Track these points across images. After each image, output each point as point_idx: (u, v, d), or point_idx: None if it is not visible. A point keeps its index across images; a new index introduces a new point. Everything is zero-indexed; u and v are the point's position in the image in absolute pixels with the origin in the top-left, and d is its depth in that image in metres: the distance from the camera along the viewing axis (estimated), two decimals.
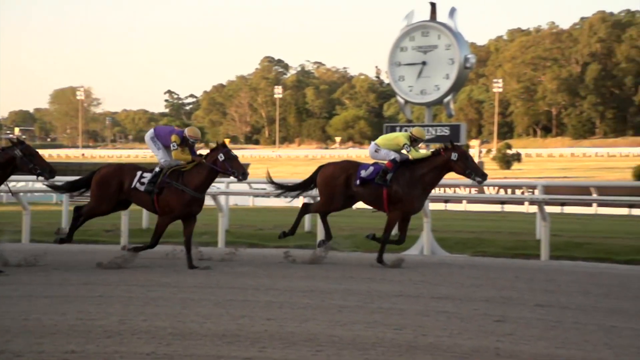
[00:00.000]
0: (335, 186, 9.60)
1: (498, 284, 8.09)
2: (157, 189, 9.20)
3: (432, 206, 11.44)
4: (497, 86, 74.64)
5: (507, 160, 54.83)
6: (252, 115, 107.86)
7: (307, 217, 12.44)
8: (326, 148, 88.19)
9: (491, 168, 47.54)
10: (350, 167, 9.70)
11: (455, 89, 11.71)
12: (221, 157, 9.26)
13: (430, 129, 11.67)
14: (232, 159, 9.33)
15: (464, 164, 9.35)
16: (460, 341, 5.58)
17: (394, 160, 9.48)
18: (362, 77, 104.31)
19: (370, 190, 9.49)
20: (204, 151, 9.54)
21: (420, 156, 9.53)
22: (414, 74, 11.70)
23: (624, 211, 18.94)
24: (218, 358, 5.09)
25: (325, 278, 8.41)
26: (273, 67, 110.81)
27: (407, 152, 9.46)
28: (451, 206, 21.23)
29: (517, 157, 56.24)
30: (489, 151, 63.02)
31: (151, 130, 9.88)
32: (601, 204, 17.21)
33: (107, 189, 9.32)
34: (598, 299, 7.27)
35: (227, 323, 6.02)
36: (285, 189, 10.34)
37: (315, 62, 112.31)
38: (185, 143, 9.42)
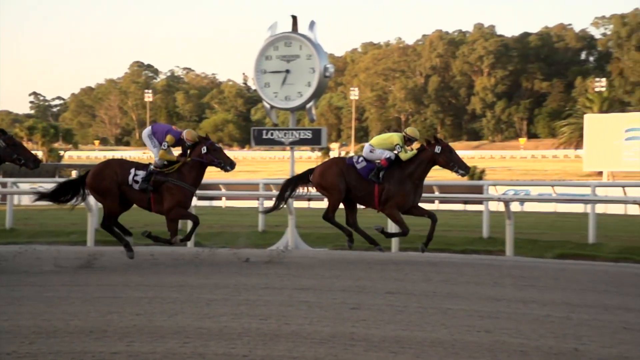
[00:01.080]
0: (335, 176, 9.19)
1: (354, 275, 8.23)
2: (151, 186, 8.79)
3: (296, 204, 11.48)
4: (354, 94, 76.38)
5: None
6: (122, 118, 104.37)
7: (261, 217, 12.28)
8: None
9: None
10: (340, 161, 9.60)
11: (316, 95, 11.84)
12: (204, 149, 8.93)
13: (294, 132, 11.73)
14: (217, 150, 9.05)
15: (447, 157, 9.18)
16: (320, 328, 5.62)
17: (389, 159, 9.20)
18: (231, 83, 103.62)
19: (362, 186, 9.21)
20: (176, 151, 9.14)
21: (409, 157, 9.25)
22: (279, 81, 11.71)
23: (460, 207, 19.95)
24: (84, 354, 4.84)
25: (195, 273, 8.23)
26: (143, 72, 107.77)
27: (398, 152, 9.22)
28: (314, 204, 21.46)
29: None
30: (347, 153, 64.40)
31: (149, 127, 9.44)
32: (442, 200, 17.96)
33: (107, 186, 8.83)
34: (438, 285, 7.53)
35: (95, 319, 5.76)
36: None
37: (185, 68, 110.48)
38: (181, 145, 9.05)
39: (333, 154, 51.25)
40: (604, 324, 5.79)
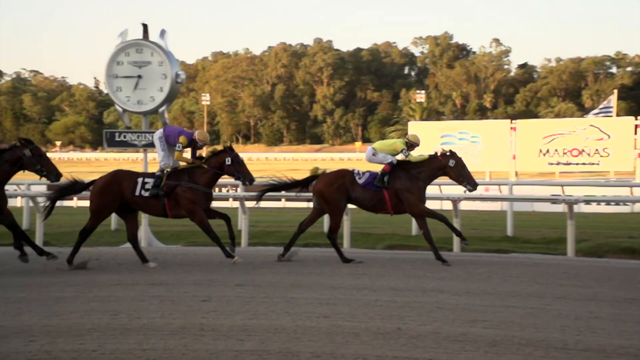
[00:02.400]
0: (336, 191, 8.66)
1: (205, 269, 8.10)
2: (162, 191, 8.18)
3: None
4: (205, 100, 75.21)
5: None
6: None
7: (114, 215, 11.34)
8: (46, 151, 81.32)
9: None
10: (346, 175, 8.85)
11: (168, 100, 11.50)
12: (228, 161, 8.34)
13: (147, 135, 11.33)
14: (240, 163, 8.43)
15: (459, 171, 8.81)
16: (171, 320, 5.47)
17: (391, 163, 8.80)
18: (82, 86, 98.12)
19: (370, 195, 8.69)
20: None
21: (419, 159, 8.90)
22: (131, 86, 11.25)
23: (304, 204, 20.22)
24: None
25: (42, 272, 7.71)
26: None
27: (406, 156, 8.85)
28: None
29: None
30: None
31: (160, 130, 8.78)
32: (288, 198, 18.14)
33: (105, 198, 8.19)
34: (283, 277, 7.59)
35: None
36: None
37: (32, 71, 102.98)
38: (193, 146, 8.49)
39: (186, 155, 50.03)
40: (422, 305, 6.10)
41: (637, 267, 8.47)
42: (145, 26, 11.31)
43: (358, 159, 69.54)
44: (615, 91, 38.42)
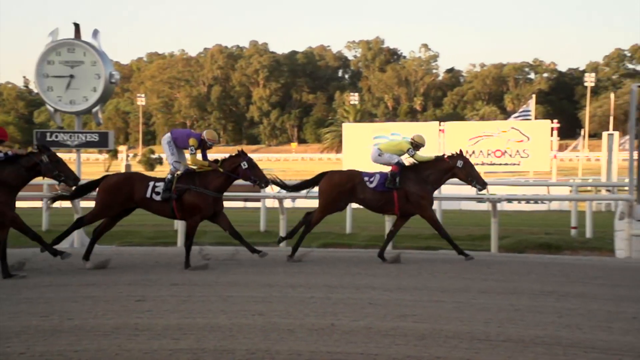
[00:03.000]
0: (340, 193, 8.60)
1: (141, 269, 7.91)
2: (174, 195, 8.00)
3: (82, 204, 10.74)
4: (141, 100, 73.58)
5: (150, 163, 54.53)
6: None
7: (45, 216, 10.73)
8: None
9: (138, 170, 46.78)
10: (356, 176, 8.70)
11: (102, 100, 11.18)
12: (244, 165, 8.18)
13: (80, 135, 10.98)
14: (255, 167, 8.27)
15: (468, 172, 8.68)
16: (104, 321, 5.32)
17: (399, 163, 8.67)
18: (10, 85, 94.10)
19: (378, 197, 8.56)
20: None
21: (425, 159, 8.78)
22: (63, 86, 10.89)
23: (240, 204, 20.06)
24: None
25: None
26: None
27: (412, 155, 8.70)
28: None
29: (159, 161, 56.40)
30: (135, 155, 61.92)
31: (168, 134, 8.54)
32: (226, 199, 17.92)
33: (115, 197, 8.00)
34: (220, 275, 7.51)
35: None
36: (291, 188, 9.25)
37: None
38: (203, 146, 8.30)
39: (121, 156, 48.98)
40: (355, 301, 6.16)
41: (552, 262, 8.78)
42: (77, 26, 10.98)
43: (294, 159, 69.70)
44: (534, 96, 39.97)
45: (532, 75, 77.94)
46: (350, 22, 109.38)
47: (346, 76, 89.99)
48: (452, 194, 14.00)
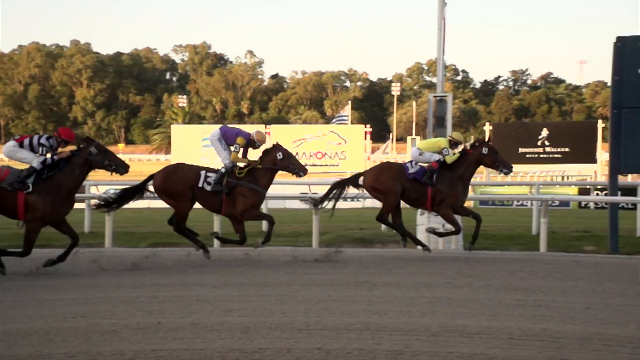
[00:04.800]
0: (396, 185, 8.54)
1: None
2: (225, 188, 7.86)
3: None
4: None
5: None
6: None
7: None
8: None
9: None
10: (394, 166, 8.87)
11: None
12: (280, 155, 8.13)
13: None
14: (290, 156, 8.22)
15: (494, 157, 8.67)
16: None
17: (439, 161, 8.60)
18: None
19: (415, 189, 8.56)
20: None
21: (454, 159, 8.67)
22: None
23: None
24: None
25: None
26: None
27: (445, 155, 8.61)
28: None
29: None
30: None
31: (217, 130, 8.32)
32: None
33: (176, 188, 7.87)
34: (37, 279, 6.97)
35: None
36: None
37: None
38: (252, 145, 8.17)
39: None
40: (183, 299, 6.06)
41: (366, 255, 9.30)
42: None
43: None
44: (350, 102, 42.04)
45: (347, 84, 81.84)
46: (176, 26, 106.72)
47: (174, 79, 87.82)
48: (278, 193, 14.26)
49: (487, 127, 27.01)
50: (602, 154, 24.54)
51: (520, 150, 24.75)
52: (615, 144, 10.32)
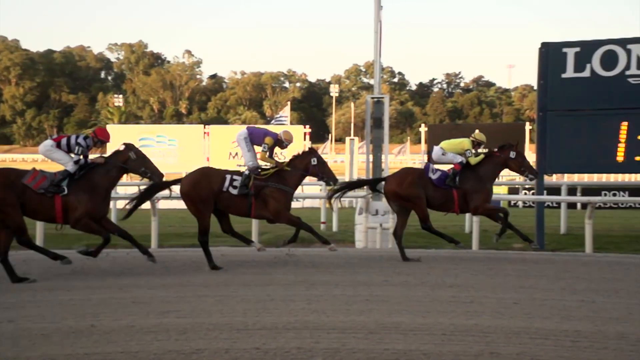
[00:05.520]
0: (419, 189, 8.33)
1: None
2: (252, 191, 7.66)
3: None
4: None
5: None
6: None
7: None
8: None
9: None
10: (416, 172, 8.58)
11: None
12: (314, 161, 7.95)
13: None
14: (324, 164, 8.04)
15: (520, 162, 8.56)
16: None
17: (461, 163, 8.49)
18: None
19: (439, 194, 8.35)
20: None
21: (477, 160, 8.60)
22: None
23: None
24: None
25: None
26: None
27: (468, 156, 8.54)
28: None
29: None
30: None
31: (244, 130, 8.17)
32: None
33: (200, 194, 7.60)
34: None
35: None
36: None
37: None
38: (279, 145, 8.00)
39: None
40: (118, 301, 5.91)
41: (305, 254, 9.28)
42: None
43: None
44: (289, 103, 42.07)
45: (287, 84, 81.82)
46: (111, 24, 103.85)
47: (109, 78, 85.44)
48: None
49: (423, 129, 27.60)
50: (530, 155, 25.49)
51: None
52: (541, 145, 10.73)
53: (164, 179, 7.87)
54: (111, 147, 9.14)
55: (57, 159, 7.41)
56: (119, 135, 28.77)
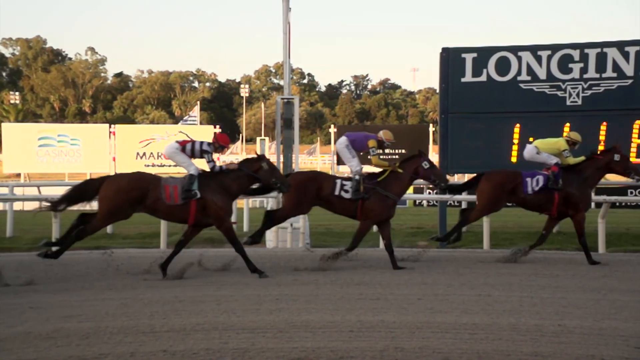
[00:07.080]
0: (502, 193, 8.27)
1: None
2: (365, 194, 7.74)
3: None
4: None
5: None
6: None
7: None
8: None
9: None
10: (517, 177, 8.30)
11: None
12: (425, 164, 7.95)
13: None
14: (434, 167, 8.05)
15: (625, 164, 8.37)
16: None
17: (558, 164, 8.25)
18: None
19: (539, 197, 8.20)
20: None
21: (577, 161, 8.37)
22: None
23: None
24: None
25: None
26: None
27: (566, 157, 8.31)
28: None
29: None
30: None
31: (344, 138, 8.16)
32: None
33: (305, 193, 7.78)
34: None
35: None
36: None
37: None
38: (381, 146, 8.04)
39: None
40: (14, 307, 5.60)
41: (216, 254, 9.16)
42: None
43: None
44: (199, 103, 41.43)
45: (196, 84, 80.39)
46: (5, 18, 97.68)
47: (4, 74, 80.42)
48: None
49: (332, 130, 27.99)
50: (433, 155, 26.50)
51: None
52: (443, 146, 11.18)
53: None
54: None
55: (179, 162, 7.66)
56: (16, 135, 27.31)
